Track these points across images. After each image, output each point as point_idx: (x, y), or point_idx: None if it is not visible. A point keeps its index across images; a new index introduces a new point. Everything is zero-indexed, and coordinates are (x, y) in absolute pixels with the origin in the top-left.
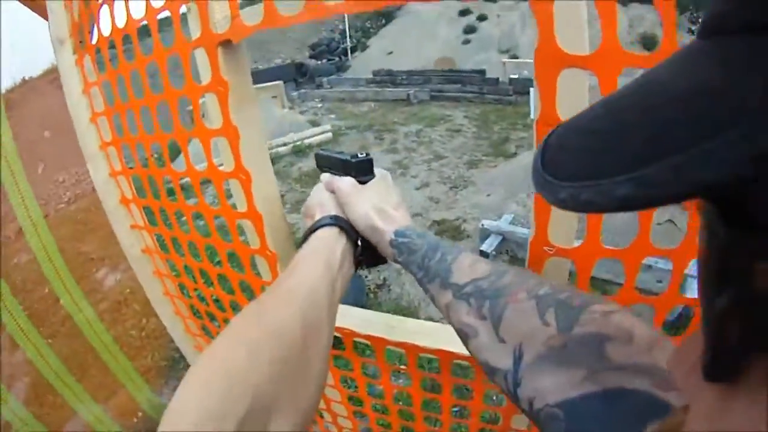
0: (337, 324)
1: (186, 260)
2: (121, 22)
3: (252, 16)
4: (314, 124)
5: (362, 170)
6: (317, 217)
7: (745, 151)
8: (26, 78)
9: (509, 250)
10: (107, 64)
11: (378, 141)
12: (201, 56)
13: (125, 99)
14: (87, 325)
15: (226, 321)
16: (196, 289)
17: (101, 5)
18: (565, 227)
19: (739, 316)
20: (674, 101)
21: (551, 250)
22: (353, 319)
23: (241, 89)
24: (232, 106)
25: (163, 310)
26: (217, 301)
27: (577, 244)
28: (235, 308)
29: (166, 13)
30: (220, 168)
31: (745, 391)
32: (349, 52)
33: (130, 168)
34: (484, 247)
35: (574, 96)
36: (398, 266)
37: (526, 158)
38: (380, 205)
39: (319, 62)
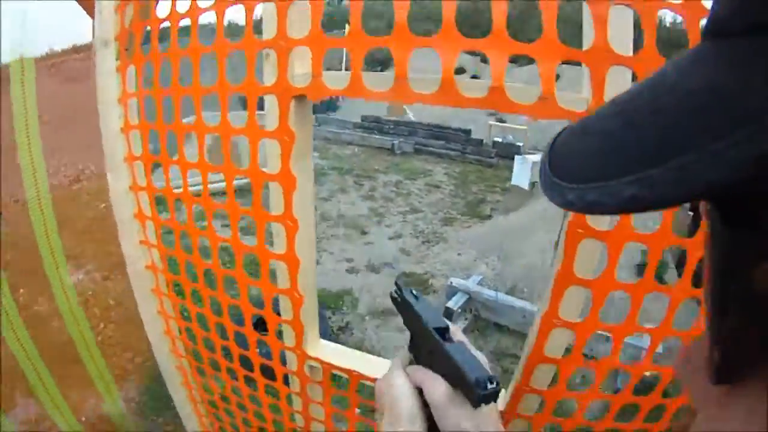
0: (345, 365)
1: (198, 286)
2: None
3: (333, 80)
4: None
5: (484, 402)
6: (400, 428)
7: (750, 152)
8: None
9: (474, 309)
10: (156, 80)
11: (357, 186)
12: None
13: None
14: (69, 314)
15: (224, 349)
16: (198, 314)
17: (164, 20)
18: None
19: (743, 316)
20: (682, 103)
21: (559, 322)
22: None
23: (304, 140)
24: (293, 156)
25: (152, 327)
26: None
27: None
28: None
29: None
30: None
31: (749, 391)
32: None
33: (160, 188)
34: (450, 304)
35: (620, 90)
36: (361, 310)
37: (501, 222)
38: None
39: None
